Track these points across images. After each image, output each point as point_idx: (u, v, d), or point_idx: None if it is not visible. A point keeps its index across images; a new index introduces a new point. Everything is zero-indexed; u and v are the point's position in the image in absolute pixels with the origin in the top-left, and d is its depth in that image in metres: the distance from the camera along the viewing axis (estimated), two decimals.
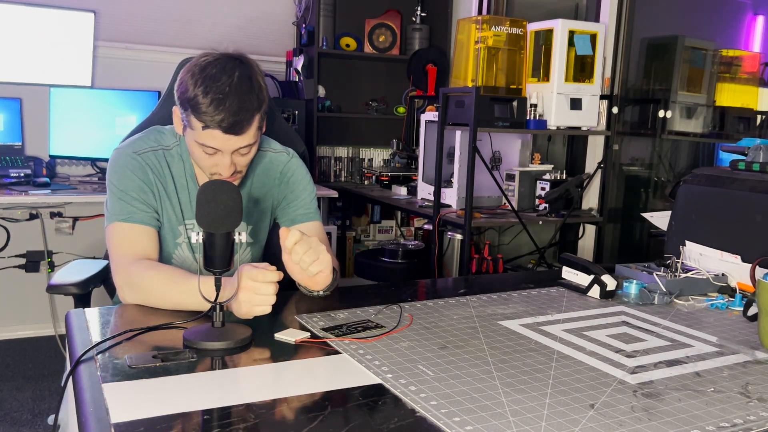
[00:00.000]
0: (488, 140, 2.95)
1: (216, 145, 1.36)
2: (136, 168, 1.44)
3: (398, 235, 4.16)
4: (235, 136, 1.35)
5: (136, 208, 1.41)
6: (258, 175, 1.58)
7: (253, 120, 1.37)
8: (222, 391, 0.92)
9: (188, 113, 1.36)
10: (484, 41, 2.77)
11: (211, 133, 1.34)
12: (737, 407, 0.92)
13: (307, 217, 1.59)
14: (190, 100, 1.33)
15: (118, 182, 1.43)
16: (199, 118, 1.33)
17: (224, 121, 1.32)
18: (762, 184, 1.50)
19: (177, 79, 1.40)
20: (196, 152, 1.41)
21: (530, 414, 0.87)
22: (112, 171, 1.45)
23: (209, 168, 1.41)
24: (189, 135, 1.40)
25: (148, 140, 1.49)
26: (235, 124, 1.33)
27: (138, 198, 1.42)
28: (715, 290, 1.51)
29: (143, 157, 1.46)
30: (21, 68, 3.32)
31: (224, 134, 1.34)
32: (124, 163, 1.44)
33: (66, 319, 1.20)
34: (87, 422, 0.81)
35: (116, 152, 1.47)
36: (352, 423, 0.84)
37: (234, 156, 1.39)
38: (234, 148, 1.37)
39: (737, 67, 3.26)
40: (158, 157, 1.48)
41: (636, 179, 3.34)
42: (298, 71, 3.76)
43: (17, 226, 3.36)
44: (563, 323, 1.26)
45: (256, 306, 1.16)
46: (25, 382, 3.00)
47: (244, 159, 1.42)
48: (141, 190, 1.43)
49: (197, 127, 1.35)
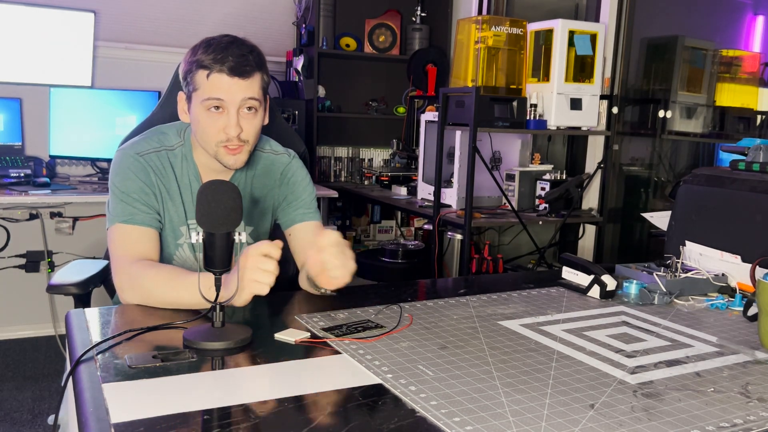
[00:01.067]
0: (488, 140, 2.95)
1: (222, 94, 1.37)
2: (139, 169, 1.44)
3: (398, 235, 4.16)
4: (240, 79, 1.37)
5: (137, 210, 1.41)
6: (258, 176, 1.58)
7: (255, 73, 1.39)
8: (222, 391, 0.92)
9: (192, 74, 1.39)
10: (484, 41, 2.77)
11: (217, 79, 1.36)
12: (737, 407, 0.92)
13: (307, 216, 1.59)
14: (193, 62, 1.38)
15: (121, 184, 1.43)
16: (204, 67, 1.37)
17: (228, 62, 1.36)
18: (762, 184, 1.50)
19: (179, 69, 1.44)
20: (203, 119, 1.40)
21: (530, 414, 0.87)
22: (115, 172, 1.45)
23: (216, 135, 1.40)
24: (195, 102, 1.40)
25: (151, 141, 1.50)
26: (239, 65, 1.36)
27: (140, 200, 1.42)
28: (715, 290, 1.51)
29: (146, 158, 1.46)
30: (21, 68, 3.33)
31: (230, 77, 1.36)
32: (127, 164, 1.44)
33: (66, 319, 1.20)
34: (87, 422, 0.81)
35: (119, 153, 1.48)
36: (352, 423, 0.84)
37: (240, 116, 1.39)
38: (240, 97, 1.38)
39: (737, 67, 3.25)
40: (161, 158, 1.48)
41: (636, 179, 3.34)
42: (298, 71, 3.76)
43: (17, 226, 3.36)
44: (563, 323, 1.26)
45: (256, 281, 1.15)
46: (25, 382, 3.00)
47: (250, 124, 1.41)
48: (143, 192, 1.43)
49: (202, 81, 1.37)
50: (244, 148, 1.43)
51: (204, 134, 1.42)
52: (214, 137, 1.41)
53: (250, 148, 1.45)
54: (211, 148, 1.43)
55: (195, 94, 1.40)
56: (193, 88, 1.40)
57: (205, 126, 1.41)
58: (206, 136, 1.42)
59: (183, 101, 1.47)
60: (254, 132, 1.44)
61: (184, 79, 1.43)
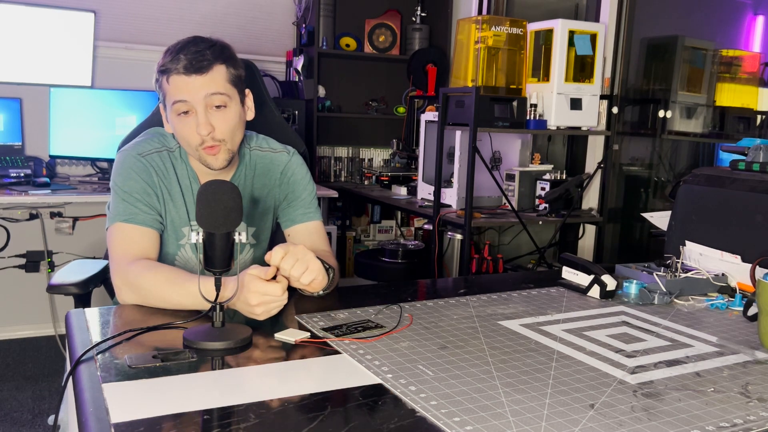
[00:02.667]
0: (488, 140, 2.95)
1: (183, 95, 1.36)
2: (141, 170, 1.44)
3: (398, 235, 4.16)
4: (198, 75, 1.36)
5: (138, 210, 1.41)
6: (258, 175, 1.58)
7: (215, 66, 1.38)
8: (222, 391, 0.92)
9: (159, 82, 1.40)
10: (484, 41, 2.77)
11: (176, 81, 1.36)
12: (737, 407, 0.92)
13: (307, 216, 1.59)
14: (157, 70, 1.39)
15: (123, 183, 1.43)
16: (163, 71, 1.37)
17: (182, 61, 1.35)
18: (762, 184, 1.50)
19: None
20: (176, 125, 1.41)
21: (530, 414, 0.87)
22: (117, 172, 1.45)
23: (192, 138, 1.39)
24: (168, 109, 1.41)
25: (153, 142, 1.50)
26: (193, 62, 1.35)
27: (141, 200, 1.42)
28: (715, 290, 1.51)
29: (148, 158, 1.46)
30: (21, 68, 3.33)
31: (186, 75, 1.36)
32: (129, 164, 1.45)
33: (66, 319, 1.20)
34: (87, 422, 0.81)
35: (121, 154, 1.48)
36: (352, 423, 0.84)
37: (210, 114, 1.38)
38: (202, 95, 1.36)
39: (737, 67, 3.25)
40: (163, 158, 1.48)
41: (636, 179, 3.34)
42: (298, 71, 3.76)
43: (17, 226, 3.36)
44: (563, 323, 1.26)
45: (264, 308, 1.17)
46: (25, 382, 3.00)
47: (222, 121, 1.39)
48: (145, 192, 1.43)
49: (166, 86, 1.38)
50: (222, 147, 1.41)
51: (182, 140, 1.43)
52: (192, 141, 1.40)
53: (229, 146, 1.43)
54: (194, 153, 1.43)
55: (166, 102, 1.41)
56: (163, 95, 1.42)
57: (180, 131, 1.41)
58: (184, 142, 1.43)
59: (162, 111, 1.48)
60: (228, 129, 1.41)
61: (157, 91, 1.44)
